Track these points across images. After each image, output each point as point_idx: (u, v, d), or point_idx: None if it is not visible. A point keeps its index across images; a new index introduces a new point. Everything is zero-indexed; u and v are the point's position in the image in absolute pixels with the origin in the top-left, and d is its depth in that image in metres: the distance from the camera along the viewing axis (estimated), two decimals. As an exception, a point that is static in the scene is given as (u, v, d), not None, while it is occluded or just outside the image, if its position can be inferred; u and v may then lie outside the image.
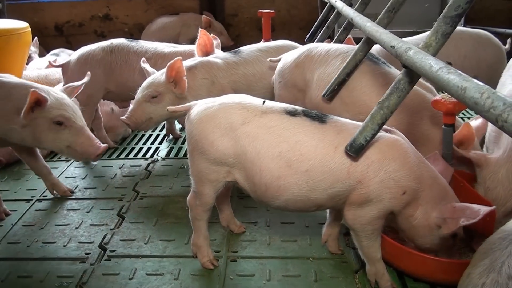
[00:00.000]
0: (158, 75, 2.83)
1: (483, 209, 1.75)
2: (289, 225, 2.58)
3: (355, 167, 1.86)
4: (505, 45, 3.71)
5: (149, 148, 3.75)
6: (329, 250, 2.32)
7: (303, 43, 3.18)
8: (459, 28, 3.80)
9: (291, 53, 2.87)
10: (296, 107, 2.04)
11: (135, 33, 6.34)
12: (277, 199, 1.94)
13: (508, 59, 2.94)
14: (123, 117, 2.86)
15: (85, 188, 3.12)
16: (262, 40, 4.37)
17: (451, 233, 1.89)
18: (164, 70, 2.76)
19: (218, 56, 3.12)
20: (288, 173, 1.88)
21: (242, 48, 3.22)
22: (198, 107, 2.07)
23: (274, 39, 4.40)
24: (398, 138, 1.92)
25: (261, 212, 2.72)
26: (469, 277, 1.53)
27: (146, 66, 3.05)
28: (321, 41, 3.69)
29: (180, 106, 2.20)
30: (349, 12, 2.70)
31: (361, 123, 1.85)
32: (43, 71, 4.19)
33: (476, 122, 2.58)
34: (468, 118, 3.58)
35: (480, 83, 1.20)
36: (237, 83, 3.03)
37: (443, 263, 1.99)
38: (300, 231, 2.52)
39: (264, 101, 2.02)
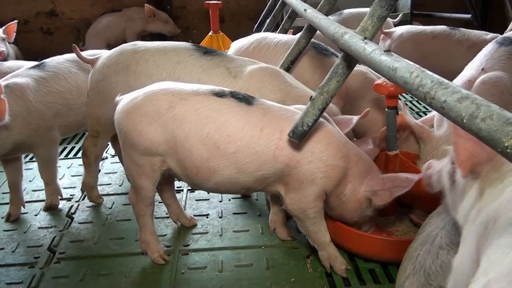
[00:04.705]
0: None
1: (413, 177, 1.84)
2: (241, 215, 2.58)
3: (281, 150, 1.88)
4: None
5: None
6: (279, 237, 2.33)
7: (252, 33, 3.16)
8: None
9: (240, 41, 2.87)
10: (224, 88, 2.05)
11: (81, 29, 6.17)
12: (208, 181, 1.95)
13: None
14: None
15: (33, 191, 3.02)
16: (211, 31, 4.34)
17: (386, 204, 1.97)
18: None
19: (20, 73, 2.66)
20: (217, 154, 1.89)
21: (46, 60, 2.82)
22: (124, 100, 2.06)
23: (223, 31, 4.41)
24: (322, 120, 1.95)
25: (213, 204, 2.71)
26: (408, 250, 1.61)
27: None
28: (268, 30, 3.68)
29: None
30: (292, 0, 2.70)
31: (286, 106, 1.88)
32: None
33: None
34: (425, 114, 3.67)
35: (411, 63, 1.23)
36: (54, 106, 2.66)
37: (391, 242, 2.05)
38: (252, 220, 2.52)
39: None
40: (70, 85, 2.74)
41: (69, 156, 3.54)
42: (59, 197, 2.80)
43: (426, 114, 3.38)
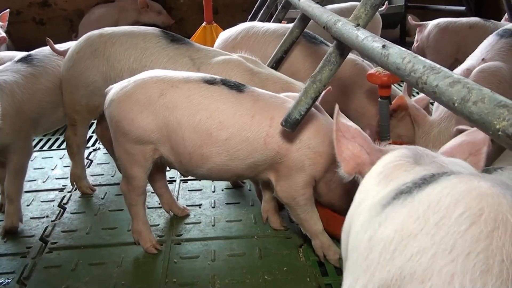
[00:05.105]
0: None
1: None
2: (234, 205, 2.58)
3: (271, 138, 1.90)
4: None
5: (90, 137, 3.64)
6: (272, 226, 2.33)
7: None
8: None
9: (227, 31, 2.85)
10: (215, 76, 2.05)
11: (74, 19, 6.12)
12: (201, 167, 1.96)
13: None
14: None
15: (25, 181, 2.99)
16: (204, 22, 4.31)
17: None
18: None
19: (8, 68, 2.54)
20: (209, 141, 1.90)
21: (32, 53, 2.71)
22: (114, 89, 2.05)
23: (217, 22, 4.38)
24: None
25: (206, 194, 2.71)
26: None
27: None
28: (262, 21, 3.66)
29: None
30: (285, -11, 2.69)
31: (276, 94, 1.89)
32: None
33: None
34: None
35: (403, 49, 1.22)
36: (41, 104, 2.56)
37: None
38: (245, 210, 2.52)
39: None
40: (59, 80, 2.65)
41: (61, 147, 3.51)
42: (20, 221, 2.47)
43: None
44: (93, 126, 3.81)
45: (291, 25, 2.69)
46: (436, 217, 0.79)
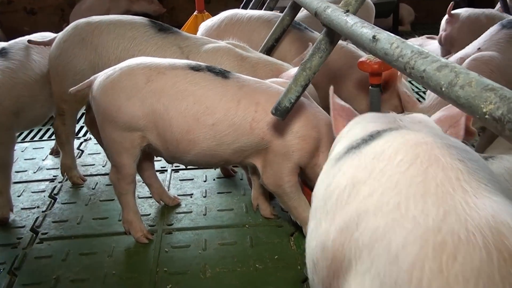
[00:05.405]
0: None
1: None
2: (226, 195, 2.57)
3: (257, 123, 1.91)
4: None
5: (81, 127, 3.62)
6: (262, 215, 2.34)
7: None
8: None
9: (210, 20, 2.84)
10: (200, 63, 2.05)
11: (66, 9, 6.06)
12: (188, 153, 1.97)
13: None
14: None
15: (16, 172, 2.97)
16: (196, 11, 4.28)
17: None
18: None
19: None
20: (196, 127, 1.91)
21: (6, 47, 2.61)
22: (100, 77, 2.03)
23: (210, 11, 4.34)
24: None
25: (198, 183, 2.70)
26: None
27: None
28: (254, 9, 3.64)
29: (80, 84, 2.12)
30: (275, -24, 2.67)
31: (262, 80, 1.90)
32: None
33: None
34: (424, 94, 3.64)
35: (392, 34, 1.22)
36: (20, 99, 2.48)
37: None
38: (237, 199, 2.52)
39: None
40: (37, 74, 2.60)
41: (52, 138, 3.48)
42: (10, 211, 2.46)
43: (425, 94, 3.36)
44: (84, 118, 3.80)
45: (273, 12, 2.68)
46: (381, 165, 0.93)
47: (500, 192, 0.84)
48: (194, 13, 4.27)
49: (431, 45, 3.98)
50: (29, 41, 2.61)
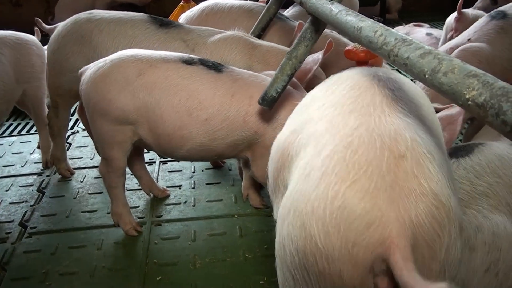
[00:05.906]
0: None
1: None
2: (215, 185, 2.57)
3: (250, 116, 1.90)
4: None
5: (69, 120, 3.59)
6: (252, 204, 2.34)
7: None
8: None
9: (189, 11, 2.82)
10: (193, 56, 2.02)
11: (51, 1, 5.99)
12: (181, 149, 1.94)
13: None
14: None
15: (3, 166, 2.96)
16: (182, 1, 4.24)
17: None
18: None
19: None
20: (189, 122, 1.88)
21: None
22: (90, 70, 2.00)
23: (196, 1, 4.31)
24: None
25: (186, 175, 2.69)
26: None
27: None
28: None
29: None
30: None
31: (255, 73, 1.89)
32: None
33: None
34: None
35: (376, 22, 1.21)
36: None
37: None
38: (226, 190, 2.52)
39: None
40: (5, 74, 2.54)
41: (39, 131, 3.46)
42: None
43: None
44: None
45: (253, 2, 2.67)
46: (333, 87, 1.18)
47: (415, 115, 1.07)
48: (181, 3, 4.23)
49: (418, 33, 3.98)
50: (37, 21, 2.60)
